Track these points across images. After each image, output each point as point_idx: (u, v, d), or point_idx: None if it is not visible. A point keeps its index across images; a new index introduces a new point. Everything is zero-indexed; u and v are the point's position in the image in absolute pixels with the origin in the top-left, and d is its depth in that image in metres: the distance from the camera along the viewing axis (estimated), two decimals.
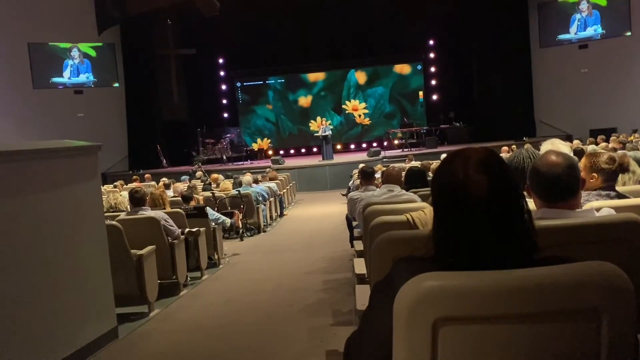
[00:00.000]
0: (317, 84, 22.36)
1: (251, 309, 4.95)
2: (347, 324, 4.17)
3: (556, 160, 1.91)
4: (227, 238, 8.64)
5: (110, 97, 19.73)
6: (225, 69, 22.05)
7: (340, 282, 5.52)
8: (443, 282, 1.10)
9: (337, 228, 8.62)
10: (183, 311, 5.05)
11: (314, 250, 7.45)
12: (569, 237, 1.79)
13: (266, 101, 22.53)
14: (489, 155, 1.20)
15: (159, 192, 6.57)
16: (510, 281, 1.08)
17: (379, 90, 22.25)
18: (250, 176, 10.45)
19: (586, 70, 19.08)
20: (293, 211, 12.64)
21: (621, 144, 10.71)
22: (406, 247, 1.91)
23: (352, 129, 22.38)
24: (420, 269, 1.14)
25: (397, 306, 1.13)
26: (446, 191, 1.21)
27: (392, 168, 4.97)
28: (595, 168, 2.83)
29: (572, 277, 1.08)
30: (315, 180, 16.65)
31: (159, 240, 5.22)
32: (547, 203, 1.93)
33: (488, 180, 1.15)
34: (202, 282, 6.06)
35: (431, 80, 21.83)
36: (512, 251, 1.16)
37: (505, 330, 1.09)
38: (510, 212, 1.17)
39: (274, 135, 22.46)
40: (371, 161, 15.72)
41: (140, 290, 4.81)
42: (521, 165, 2.73)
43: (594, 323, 1.08)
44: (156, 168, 18.48)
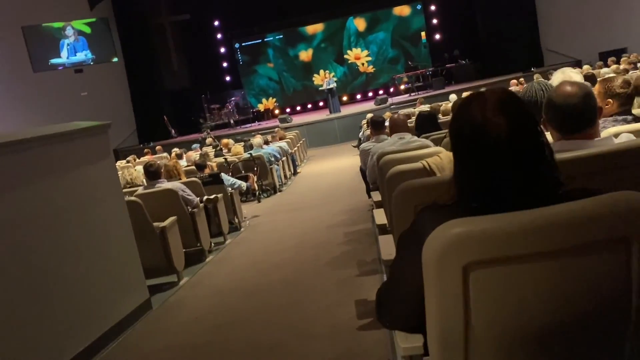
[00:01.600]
0: (316, 36, 21.94)
1: (278, 266, 5.05)
2: (373, 273, 4.25)
3: (571, 91, 1.87)
4: (245, 201, 8.73)
5: (111, 72, 19.60)
6: (222, 31, 21.70)
7: (362, 233, 5.58)
8: (470, 227, 1.10)
9: (352, 180, 8.65)
10: (211, 276, 5.17)
11: (332, 204, 7.51)
12: (590, 168, 1.78)
13: (267, 59, 22.23)
14: (507, 95, 1.18)
15: (172, 163, 6.60)
16: (537, 219, 1.08)
17: (380, 36, 21.79)
18: (260, 138, 10.43)
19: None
20: (306, 168, 12.68)
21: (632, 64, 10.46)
22: (426, 194, 1.93)
23: (356, 79, 22.08)
24: (445, 217, 1.15)
25: (425, 255, 1.14)
26: (465, 136, 1.20)
27: (398, 116, 4.91)
28: (610, 93, 2.78)
29: (599, 208, 1.08)
30: (324, 135, 16.59)
31: (179, 210, 5.29)
32: (564, 135, 1.91)
33: (507, 121, 1.13)
34: (226, 246, 6.17)
35: (432, 19, 21.29)
36: (536, 189, 1.15)
37: (535, 268, 1.10)
38: (532, 151, 1.16)
39: (279, 93, 22.27)
40: (379, 109, 15.58)
41: (168, 260, 4.92)
42: (534, 99, 2.69)
43: (624, 252, 1.09)
44: (166, 139, 18.53)
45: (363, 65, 21.90)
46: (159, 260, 4.89)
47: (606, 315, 1.14)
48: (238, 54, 22.27)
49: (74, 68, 19.15)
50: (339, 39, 21.94)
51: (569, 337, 1.14)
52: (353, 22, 21.79)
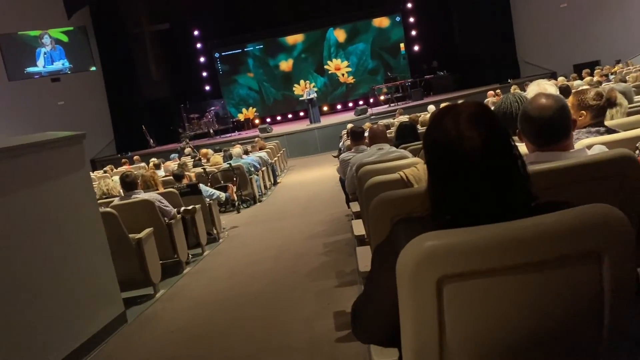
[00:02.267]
0: (296, 46, 22.01)
1: (256, 278, 5.00)
2: (351, 284, 4.23)
3: (546, 103, 1.89)
4: (224, 212, 8.66)
5: (89, 81, 19.38)
6: (201, 40, 21.64)
7: (341, 244, 5.57)
8: (443, 240, 1.10)
9: (332, 190, 8.64)
10: (188, 289, 5.10)
11: (312, 214, 7.49)
12: (563, 179, 1.80)
13: (247, 69, 22.21)
14: (480, 109, 1.19)
15: (149, 173, 6.51)
16: (510, 233, 1.08)
17: (359, 47, 21.96)
18: (240, 148, 10.39)
19: (565, 4, 18.87)
20: (286, 178, 12.65)
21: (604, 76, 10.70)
22: (403, 206, 1.93)
23: (336, 89, 22.19)
24: (420, 229, 1.14)
25: (399, 268, 1.13)
26: (439, 149, 1.20)
27: (377, 126, 4.93)
28: (583, 105, 2.82)
29: (570, 222, 1.09)
30: (305, 145, 16.60)
31: (156, 221, 5.22)
32: (539, 147, 1.93)
33: (480, 135, 1.14)
34: (204, 258, 6.10)
35: (411, 31, 21.54)
36: (510, 202, 1.16)
37: (509, 281, 1.10)
38: (505, 164, 1.16)
39: (259, 103, 22.24)
40: (359, 120, 15.66)
41: (144, 272, 4.83)
42: (509, 110, 2.72)
43: (595, 265, 1.09)
44: (144, 149, 18.34)
45: (343, 76, 22.02)
46: (134, 272, 4.81)
47: (579, 328, 1.14)
48: (218, 63, 22.21)
49: (51, 77, 18.88)
50: (319, 50, 22.04)
51: (543, 350, 1.14)
52: (333, 33, 21.93)
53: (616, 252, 1.09)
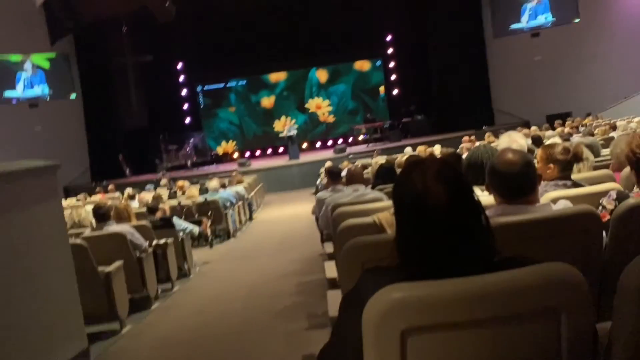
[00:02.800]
0: (279, 84, 22.31)
1: (225, 318, 4.92)
2: (323, 327, 4.18)
3: (513, 159, 1.96)
4: (197, 246, 8.55)
5: (68, 108, 19.24)
6: (184, 73, 21.78)
7: (314, 284, 5.53)
8: (408, 293, 1.13)
9: (308, 228, 8.62)
10: (156, 325, 4.98)
11: (286, 252, 7.45)
12: (528, 233, 1.86)
13: (228, 104, 22.35)
14: (446, 165, 1.24)
15: (123, 205, 6.44)
16: (473, 288, 1.12)
17: (340, 88, 22.36)
18: (216, 181, 10.35)
19: (539, 57, 19.60)
20: (262, 214, 12.60)
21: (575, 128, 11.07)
22: (374, 252, 1.96)
23: (316, 127, 22.43)
24: (387, 280, 1.17)
25: (365, 318, 1.16)
26: (407, 202, 1.24)
27: (355, 167, 5.01)
28: (551, 159, 2.93)
29: (530, 279, 1.13)
30: (283, 181, 16.62)
31: (127, 254, 5.13)
32: (506, 200, 1.99)
33: (446, 190, 1.18)
34: (173, 293, 5.99)
35: (391, 75, 22.06)
36: (473, 257, 1.19)
37: (471, 335, 1.13)
38: (469, 219, 1.21)
39: (239, 137, 22.32)
40: (338, 158, 15.79)
41: (110, 307, 4.72)
42: (479, 161, 2.81)
43: (554, 322, 1.13)
44: (119, 178, 18.11)
45: (323, 115, 22.32)
46: (101, 306, 4.69)
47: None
48: (200, 96, 22.32)
49: (29, 102, 18.71)
50: (301, 88, 22.37)
51: None
52: (315, 74, 22.33)
53: (573, 310, 1.13)
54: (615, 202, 2.20)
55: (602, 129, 8.89)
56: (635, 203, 1.95)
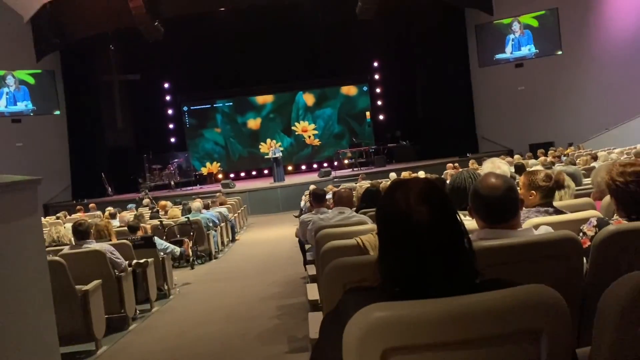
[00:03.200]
0: (265, 106, 22.41)
1: (204, 340, 4.83)
2: (303, 351, 4.13)
3: (495, 183, 1.98)
4: (178, 267, 8.45)
5: (51, 125, 19.09)
6: (171, 93, 21.80)
7: (295, 307, 5.48)
8: (389, 312, 1.12)
9: (291, 251, 8.58)
10: (132, 347, 4.87)
11: (268, 274, 7.38)
12: (510, 257, 1.86)
13: (214, 125, 22.36)
14: (429, 186, 1.24)
15: (104, 223, 6.35)
16: (454, 308, 1.11)
17: (327, 112, 22.54)
18: (199, 202, 10.28)
19: (523, 87, 19.99)
20: (245, 235, 12.51)
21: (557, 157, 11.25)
22: (356, 272, 1.96)
23: (302, 150, 22.50)
24: (368, 300, 1.16)
25: (346, 339, 1.14)
26: (390, 221, 1.24)
27: (344, 190, 5.01)
28: (533, 186, 2.96)
29: (512, 301, 1.13)
30: (267, 203, 16.57)
31: (105, 273, 5.04)
32: (488, 224, 2.00)
33: (429, 211, 1.19)
34: (152, 314, 5.88)
35: (377, 100, 22.32)
36: (455, 277, 1.19)
37: (451, 356, 1.12)
38: (452, 240, 1.21)
39: (224, 158, 22.28)
40: (322, 182, 15.81)
41: (87, 327, 4.61)
42: (463, 186, 2.83)
43: (534, 344, 1.13)
44: (101, 196, 17.93)
45: (309, 138, 22.42)
46: (77, 326, 4.58)
47: None
48: (186, 116, 22.31)
49: (12, 117, 18.52)
50: (288, 111, 22.49)
51: None
52: (302, 97, 22.49)
53: (554, 332, 1.13)
54: (595, 229, 2.23)
55: (584, 159, 9.04)
56: (615, 230, 1.98)
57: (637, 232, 1.97)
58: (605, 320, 1.14)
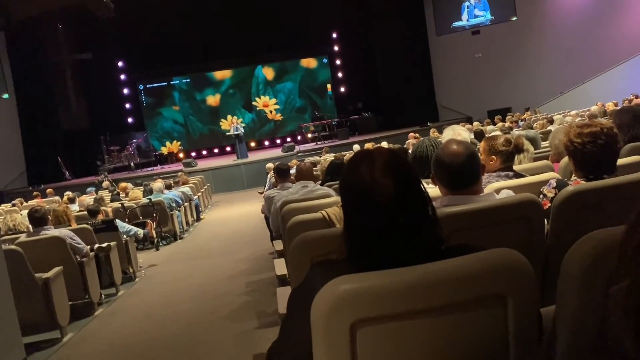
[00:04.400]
0: (224, 82, 22.01)
1: (173, 320, 4.79)
2: (273, 325, 4.15)
3: (457, 150, 1.98)
4: (142, 249, 8.31)
5: (1, 109, 18.26)
6: (126, 71, 21.14)
7: (265, 283, 5.48)
8: (357, 284, 1.10)
9: (257, 227, 8.55)
10: (100, 332, 4.79)
11: (235, 252, 7.34)
12: (473, 222, 1.88)
13: (172, 102, 21.86)
14: (393, 157, 1.22)
15: (62, 208, 6.16)
16: (421, 276, 1.10)
17: (288, 86, 22.30)
18: (161, 182, 10.09)
19: (480, 54, 20.23)
20: (210, 214, 12.39)
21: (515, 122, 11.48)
22: (322, 246, 1.94)
23: (264, 126, 22.28)
24: (335, 273, 1.14)
25: (314, 312, 1.12)
26: (354, 195, 1.22)
27: (304, 164, 4.97)
28: (493, 151, 2.99)
29: (477, 266, 1.13)
30: (231, 181, 16.41)
31: (67, 260, 4.91)
32: (451, 190, 2.01)
33: (393, 182, 1.17)
34: (118, 298, 5.78)
35: (338, 72, 22.21)
36: (421, 246, 1.18)
37: (420, 324, 1.11)
38: (416, 210, 1.20)
39: (184, 137, 21.87)
40: (286, 157, 15.75)
41: (50, 315, 4.50)
42: (425, 154, 2.84)
43: (501, 307, 1.13)
44: (59, 181, 17.39)
45: (271, 113, 22.18)
46: (40, 314, 4.46)
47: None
48: (142, 95, 21.71)
49: None
50: (248, 86, 22.15)
51: None
52: (262, 71, 22.16)
53: (520, 296, 1.14)
54: (555, 190, 2.27)
55: (540, 123, 9.25)
56: (574, 190, 2.01)
57: (595, 191, 2.02)
58: (569, 280, 1.15)
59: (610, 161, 2.22)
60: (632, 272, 0.65)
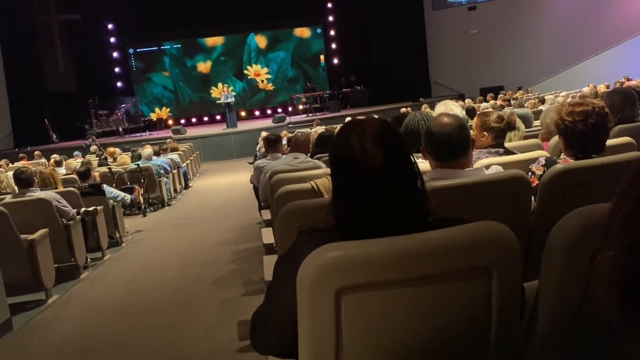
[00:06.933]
0: (216, 48, 21.68)
1: (158, 286, 4.81)
2: (258, 293, 4.18)
3: (447, 121, 1.98)
4: (129, 214, 8.28)
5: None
6: (115, 34, 20.73)
7: (251, 252, 5.50)
8: (343, 252, 1.10)
9: (246, 197, 8.54)
10: (84, 295, 4.80)
11: (222, 221, 7.34)
12: (461, 196, 1.89)
13: (162, 68, 21.54)
14: (384, 127, 1.21)
15: (48, 170, 6.09)
16: (407, 246, 1.11)
17: (280, 55, 22.02)
18: (150, 148, 9.98)
19: (475, 31, 20.09)
20: (198, 183, 12.35)
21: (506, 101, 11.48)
22: (310, 215, 1.93)
23: (255, 95, 22.07)
24: (322, 241, 1.14)
25: (300, 279, 1.12)
26: (344, 163, 1.21)
27: (302, 134, 4.94)
28: (485, 127, 2.98)
29: (463, 237, 1.13)
30: (220, 150, 16.31)
31: (52, 222, 4.88)
32: (440, 163, 2.01)
33: (383, 153, 1.16)
34: (103, 262, 5.78)
35: (331, 43, 21.95)
36: (408, 217, 1.18)
37: (404, 293, 1.12)
38: (405, 182, 1.19)
39: (173, 103, 21.63)
40: (277, 127, 15.65)
41: (35, 276, 4.49)
42: (416, 128, 2.82)
43: (485, 279, 1.14)
44: (45, 144, 17.17)
45: (263, 82, 21.95)
46: (24, 276, 4.46)
47: (469, 339, 1.19)
48: (132, 59, 21.35)
49: None
50: (239, 54, 21.85)
51: (438, 358, 1.18)
52: (254, 39, 21.83)
53: (504, 268, 1.15)
54: (543, 168, 2.28)
55: (532, 102, 9.25)
56: (563, 168, 2.02)
57: (583, 170, 2.03)
58: (554, 253, 1.16)
59: (600, 141, 2.22)
60: (619, 242, 0.65)
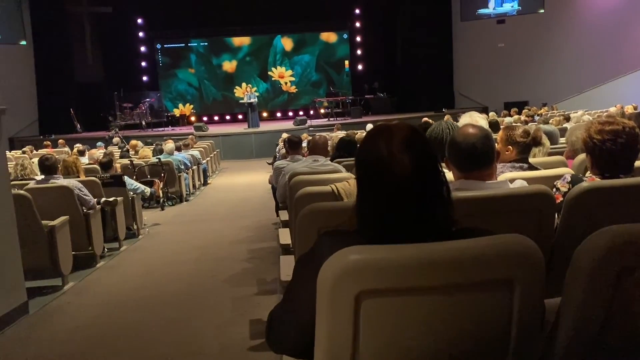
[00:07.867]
0: (242, 48, 21.83)
1: (173, 279, 4.84)
2: (271, 293, 4.19)
3: (472, 132, 1.97)
4: (148, 207, 8.37)
5: (16, 55, 18.23)
6: (144, 29, 21.01)
7: (266, 251, 5.51)
8: (366, 255, 1.10)
9: (263, 197, 8.58)
10: (100, 283, 4.86)
11: (239, 219, 7.38)
12: (484, 208, 1.87)
13: (188, 65, 21.76)
14: (413, 133, 1.20)
15: (72, 159, 6.18)
16: (430, 254, 1.10)
17: (305, 58, 22.09)
18: (172, 143, 10.09)
19: (503, 45, 19.91)
20: (217, 180, 12.43)
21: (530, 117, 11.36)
22: (330, 218, 1.93)
23: (278, 97, 22.16)
24: (344, 243, 1.14)
25: (320, 280, 1.12)
26: (370, 168, 1.21)
27: (320, 137, 4.95)
28: (510, 141, 2.95)
29: (488, 249, 1.12)
30: (240, 149, 16.41)
31: (73, 210, 4.95)
32: (464, 173, 1.99)
33: (411, 159, 1.15)
34: (120, 253, 5.85)
35: (357, 49, 21.95)
36: (432, 225, 1.18)
37: (425, 301, 1.11)
38: (431, 189, 1.19)
39: (197, 100, 21.82)
40: (297, 130, 15.69)
41: (53, 262, 4.56)
42: (440, 137, 2.80)
43: (507, 292, 1.13)
44: (69, 133, 17.44)
45: (286, 85, 22.04)
46: (43, 261, 4.53)
47: (488, 351, 1.17)
48: (159, 54, 21.61)
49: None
50: (265, 55, 21.97)
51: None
52: (280, 41, 21.94)
53: (528, 283, 1.13)
54: (569, 185, 2.25)
55: (557, 119, 9.14)
56: (588, 186, 1.99)
57: (609, 189, 2.00)
58: (580, 272, 1.14)
59: (628, 161, 2.19)
60: None
